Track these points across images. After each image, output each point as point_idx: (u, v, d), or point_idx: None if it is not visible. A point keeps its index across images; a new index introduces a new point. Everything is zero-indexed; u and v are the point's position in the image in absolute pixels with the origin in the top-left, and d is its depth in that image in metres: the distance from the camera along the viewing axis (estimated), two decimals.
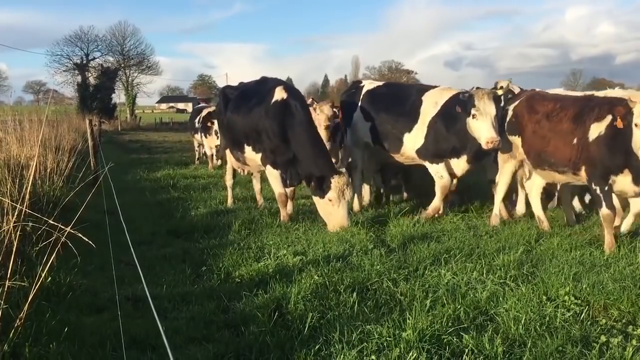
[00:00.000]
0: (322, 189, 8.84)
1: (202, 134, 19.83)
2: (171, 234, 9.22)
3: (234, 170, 11.79)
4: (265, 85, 10.06)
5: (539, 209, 9.09)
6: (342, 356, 4.39)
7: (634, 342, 4.60)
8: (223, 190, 13.64)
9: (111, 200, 9.35)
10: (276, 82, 10.09)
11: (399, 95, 10.55)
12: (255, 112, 9.71)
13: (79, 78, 73.38)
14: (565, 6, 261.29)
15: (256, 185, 11.75)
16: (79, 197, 7.01)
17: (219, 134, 12.05)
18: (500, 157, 9.28)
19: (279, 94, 9.45)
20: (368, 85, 11.15)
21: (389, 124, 10.33)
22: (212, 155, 19.81)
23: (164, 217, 10.66)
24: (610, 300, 5.55)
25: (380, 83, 11.32)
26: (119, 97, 79.37)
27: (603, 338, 4.70)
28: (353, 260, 7.05)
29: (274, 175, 9.66)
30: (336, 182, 8.77)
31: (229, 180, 11.91)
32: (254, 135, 9.74)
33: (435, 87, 10.29)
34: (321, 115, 10.85)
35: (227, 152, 11.26)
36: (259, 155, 9.84)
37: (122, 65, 79.53)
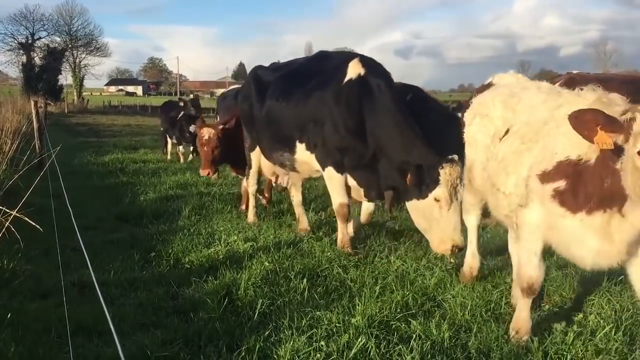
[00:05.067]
0: (424, 184, 6.23)
1: None
2: (119, 219, 9.07)
3: (260, 176, 9.23)
4: (331, 60, 7.59)
5: None
6: (291, 342, 4.39)
7: (575, 327, 4.74)
8: (173, 175, 13.49)
9: (57, 184, 9.13)
10: (348, 55, 7.52)
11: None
12: (316, 96, 7.15)
13: (24, 58, 71.30)
14: None
15: (296, 195, 8.64)
16: (24, 180, 6.82)
17: (248, 133, 8.82)
18: None
19: (355, 69, 6.95)
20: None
21: None
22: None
23: (112, 201, 10.47)
24: (553, 287, 5.72)
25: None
26: (65, 78, 77.72)
27: (546, 324, 4.84)
28: (304, 246, 7.09)
29: (336, 181, 7.18)
30: (447, 173, 6.11)
31: (252, 186, 9.05)
32: (312, 128, 7.22)
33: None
34: None
35: (253, 154, 8.84)
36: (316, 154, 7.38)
37: (70, 45, 77.56)
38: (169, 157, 17.91)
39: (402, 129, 6.58)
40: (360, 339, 4.41)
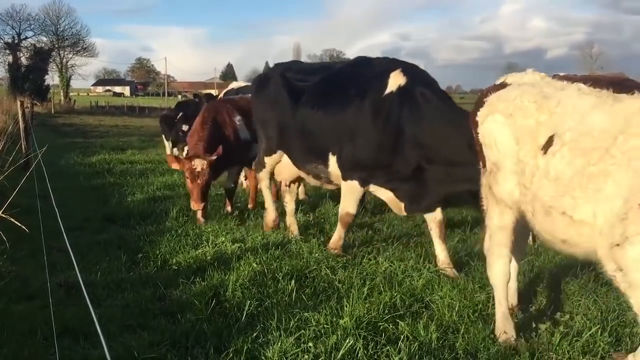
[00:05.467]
0: None
1: None
2: (106, 220, 9.01)
3: (272, 177, 8.48)
4: (372, 68, 6.99)
5: None
6: (279, 343, 4.39)
7: (561, 328, 4.77)
8: (160, 176, 13.42)
9: (43, 184, 9.06)
10: (389, 63, 6.89)
11: None
12: (354, 107, 6.67)
13: (10, 58, 70.73)
14: (500, 0, 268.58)
15: (290, 203, 8.27)
16: (9, 181, 6.77)
17: (264, 135, 8.13)
18: None
19: (396, 80, 6.46)
20: None
21: None
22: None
23: (98, 202, 10.42)
24: (540, 287, 5.75)
25: None
26: (52, 78, 77.14)
27: (533, 324, 4.86)
28: (292, 247, 7.07)
29: (356, 193, 6.86)
30: None
31: (265, 180, 8.42)
32: (346, 140, 6.75)
33: None
34: None
35: (269, 159, 8.15)
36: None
37: (56, 45, 77.06)
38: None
39: (460, 126, 5.88)
40: (348, 340, 4.41)
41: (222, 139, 8.72)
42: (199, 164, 8.16)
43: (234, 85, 14.60)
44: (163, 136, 17.02)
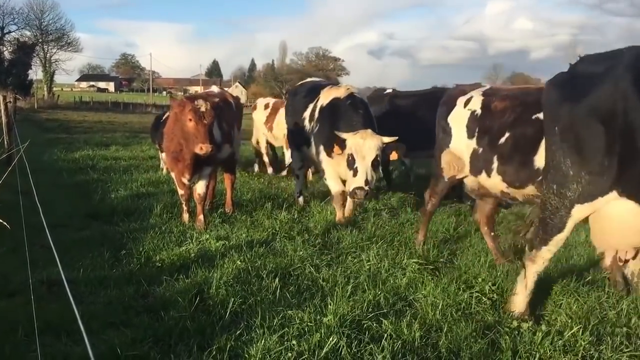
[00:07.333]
0: None
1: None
2: (89, 217, 8.93)
3: None
4: None
5: None
6: (263, 341, 4.39)
7: (543, 327, 4.81)
8: (145, 173, 13.32)
9: (26, 180, 8.98)
10: None
11: None
12: None
13: None
14: (485, 0, 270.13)
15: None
16: None
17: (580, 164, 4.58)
18: None
19: None
20: None
21: None
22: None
23: (82, 199, 10.33)
24: None
25: None
26: (36, 73, 76.58)
27: (515, 323, 4.90)
28: (276, 245, 7.08)
29: None
30: None
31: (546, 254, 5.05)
32: None
33: None
34: None
35: (585, 207, 4.65)
36: None
37: (40, 40, 76.55)
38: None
39: None
40: (331, 338, 4.42)
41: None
42: (202, 104, 7.41)
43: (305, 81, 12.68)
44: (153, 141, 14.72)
